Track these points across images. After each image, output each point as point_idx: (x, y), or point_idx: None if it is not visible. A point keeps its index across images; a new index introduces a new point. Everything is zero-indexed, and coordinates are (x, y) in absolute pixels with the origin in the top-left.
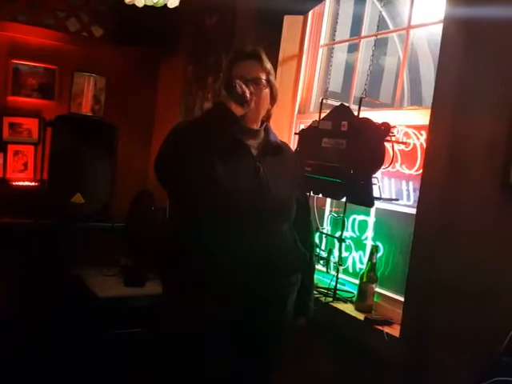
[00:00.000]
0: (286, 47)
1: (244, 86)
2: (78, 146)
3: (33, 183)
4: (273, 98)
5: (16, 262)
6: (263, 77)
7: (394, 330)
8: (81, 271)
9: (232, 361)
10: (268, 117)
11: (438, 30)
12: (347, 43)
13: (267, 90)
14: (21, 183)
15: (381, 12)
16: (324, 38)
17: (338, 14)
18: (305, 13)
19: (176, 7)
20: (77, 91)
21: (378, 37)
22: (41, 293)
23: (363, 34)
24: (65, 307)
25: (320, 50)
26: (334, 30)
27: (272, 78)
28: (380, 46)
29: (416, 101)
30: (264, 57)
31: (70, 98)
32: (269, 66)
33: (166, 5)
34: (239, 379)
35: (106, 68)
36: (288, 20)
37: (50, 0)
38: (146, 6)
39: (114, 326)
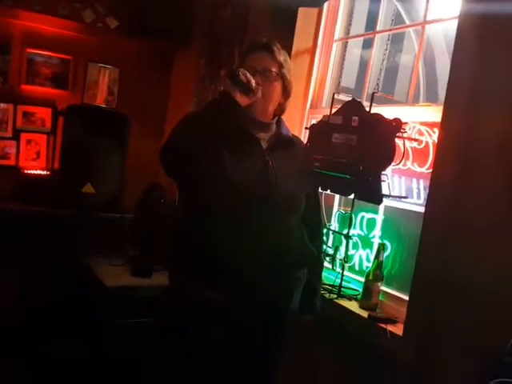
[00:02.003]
0: (300, 40)
1: (249, 75)
2: (89, 136)
3: (45, 172)
4: (285, 92)
5: (25, 250)
6: (273, 69)
7: (398, 329)
8: (90, 260)
9: (236, 355)
10: (281, 111)
11: (454, 25)
12: (362, 38)
13: (277, 83)
14: (33, 171)
15: (396, 6)
16: (338, 33)
17: (353, 8)
18: (319, 5)
19: None
20: (90, 82)
21: (394, 32)
22: (49, 280)
23: (378, 29)
24: (72, 295)
25: (334, 45)
26: (348, 24)
27: (285, 70)
28: (396, 41)
29: (432, 98)
30: (276, 49)
31: (84, 88)
32: (282, 58)
33: None
34: (242, 374)
35: (120, 59)
36: (302, 13)
37: None
38: None
39: (120, 314)
